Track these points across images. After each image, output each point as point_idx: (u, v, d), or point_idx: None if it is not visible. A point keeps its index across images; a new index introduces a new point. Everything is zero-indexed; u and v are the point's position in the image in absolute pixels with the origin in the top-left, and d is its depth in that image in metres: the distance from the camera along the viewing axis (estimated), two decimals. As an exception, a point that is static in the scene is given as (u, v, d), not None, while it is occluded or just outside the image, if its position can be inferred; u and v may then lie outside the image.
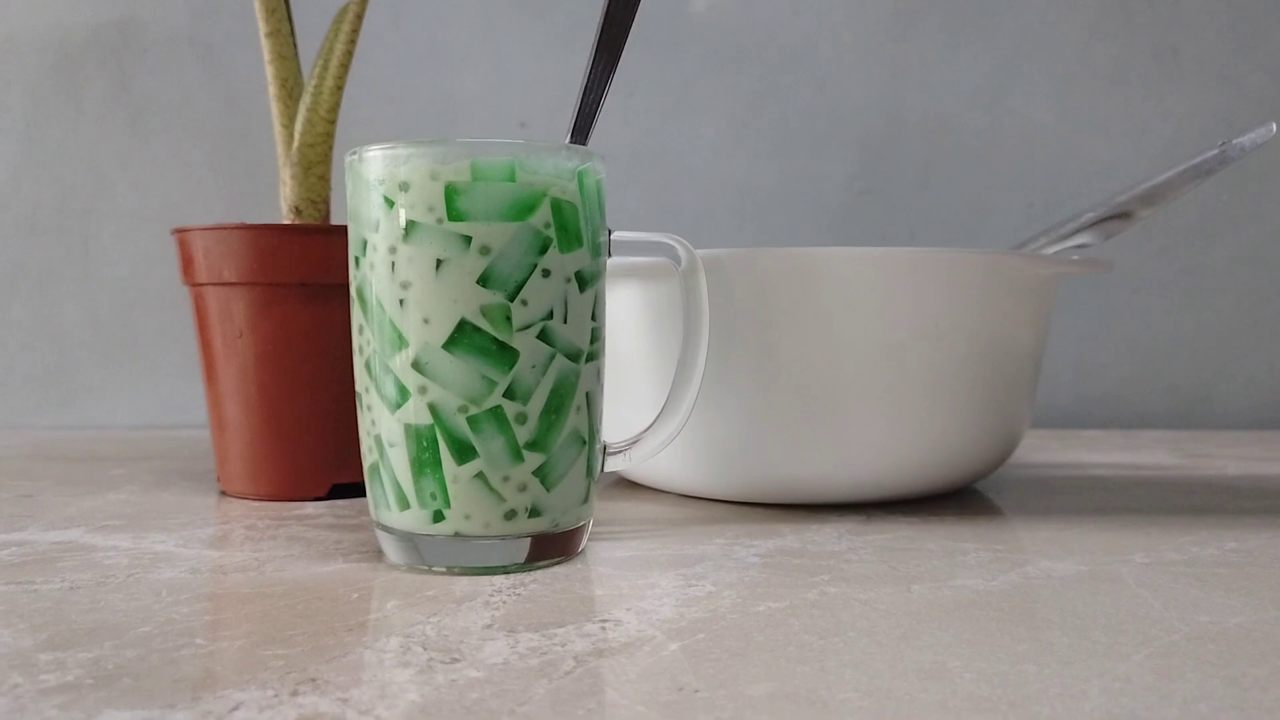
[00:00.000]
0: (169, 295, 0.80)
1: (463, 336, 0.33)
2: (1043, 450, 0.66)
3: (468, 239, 0.33)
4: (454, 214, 0.33)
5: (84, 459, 0.62)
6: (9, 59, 0.80)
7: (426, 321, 0.33)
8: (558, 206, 0.33)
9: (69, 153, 0.81)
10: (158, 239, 0.80)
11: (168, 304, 0.80)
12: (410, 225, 0.33)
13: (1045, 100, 0.82)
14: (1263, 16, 0.81)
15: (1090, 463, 0.61)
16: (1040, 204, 0.82)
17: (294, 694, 0.23)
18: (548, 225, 0.33)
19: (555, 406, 0.34)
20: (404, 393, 0.33)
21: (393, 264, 0.33)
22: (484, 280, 0.33)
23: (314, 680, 0.24)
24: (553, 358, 0.34)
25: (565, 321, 0.34)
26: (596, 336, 0.35)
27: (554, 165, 0.34)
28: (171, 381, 0.81)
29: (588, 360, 0.35)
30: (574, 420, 0.35)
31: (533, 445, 0.34)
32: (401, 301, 0.33)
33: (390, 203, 0.33)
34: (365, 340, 0.35)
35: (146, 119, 0.81)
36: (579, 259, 0.34)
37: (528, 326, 0.33)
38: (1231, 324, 0.83)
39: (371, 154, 0.34)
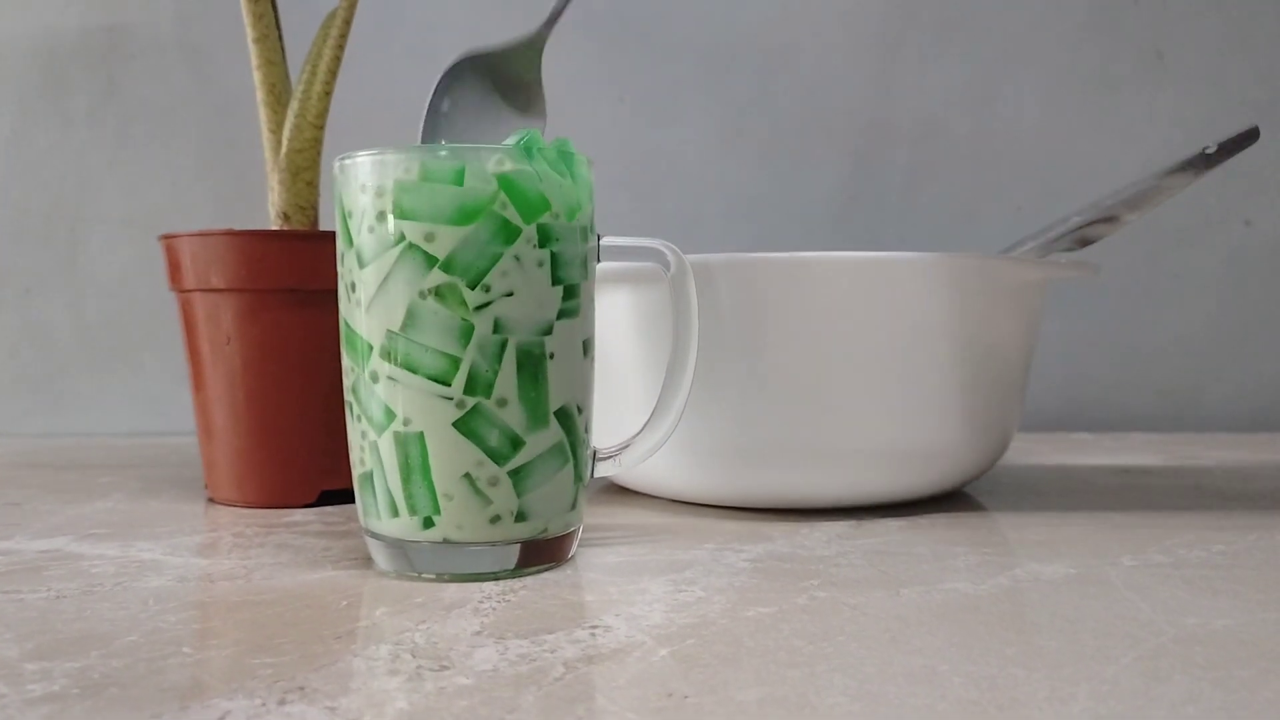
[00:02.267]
0: (156, 301, 0.79)
1: (416, 318, 0.33)
2: (1032, 453, 0.67)
3: (418, 234, 0.33)
4: (401, 213, 0.33)
5: (71, 466, 0.61)
6: (-5, 65, 0.80)
7: (385, 312, 0.33)
8: (507, 182, 0.33)
9: (56, 158, 0.80)
10: (145, 245, 0.79)
11: (155, 310, 0.80)
12: (364, 226, 0.34)
13: (1033, 104, 0.83)
14: (1249, 20, 0.82)
15: (1079, 465, 0.62)
16: (1029, 208, 0.82)
17: (282, 703, 0.23)
18: (504, 205, 0.33)
19: (529, 379, 0.34)
20: (390, 414, 0.34)
21: (344, 255, 0.34)
22: (440, 265, 0.33)
23: (302, 689, 0.24)
24: (507, 337, 0.33)
25: (519, 293, 0.33)
26: (565, 312, 0.35)
27: (503, 152, 0.33)
28: (159, 388, 0.81)
29: (549, 333, 0.34)
30: (557, 399, 0.34)
31: (516, 439, 0.34)
32: (353, 299, 0.34)
33: (347, 214, 0.34)
34: (349, 354, 0.35)
35: (134, 124, 0.81)
36: (540, 230, 0.34)
37: (484, 306, 0.33)
38: (1219, 327, 0.83)
39: (360, 160, 0.34)
